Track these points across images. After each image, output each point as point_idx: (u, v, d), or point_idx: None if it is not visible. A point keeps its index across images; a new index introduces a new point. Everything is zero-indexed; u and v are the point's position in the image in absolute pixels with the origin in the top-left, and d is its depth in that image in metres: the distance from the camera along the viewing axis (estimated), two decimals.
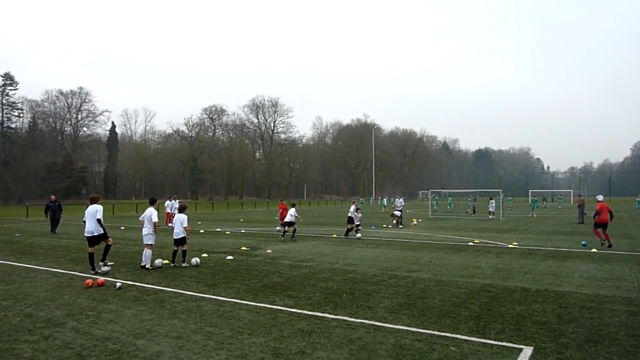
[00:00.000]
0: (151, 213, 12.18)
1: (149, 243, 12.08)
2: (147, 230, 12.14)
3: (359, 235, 20.05)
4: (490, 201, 36.77)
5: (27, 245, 17.69)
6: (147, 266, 12.00)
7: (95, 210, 11.54)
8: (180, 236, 12.41)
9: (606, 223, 16.20)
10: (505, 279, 10.65)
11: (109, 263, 11.98)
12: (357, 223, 20.78)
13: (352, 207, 21.05)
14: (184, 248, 12.53)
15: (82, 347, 6.00)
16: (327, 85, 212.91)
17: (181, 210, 13.03)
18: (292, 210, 19.62)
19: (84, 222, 11.77)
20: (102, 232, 11.54)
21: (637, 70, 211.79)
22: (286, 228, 19.25)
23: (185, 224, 12.48)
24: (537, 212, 40.04)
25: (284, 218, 20.58)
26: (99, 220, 11.48)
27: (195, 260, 12.66)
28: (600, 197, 17.39)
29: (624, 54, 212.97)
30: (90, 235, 11.51)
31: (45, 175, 79.17)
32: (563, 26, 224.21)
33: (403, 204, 31.04)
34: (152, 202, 12.63)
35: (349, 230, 20.56)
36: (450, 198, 49.12)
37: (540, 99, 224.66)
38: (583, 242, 16.81)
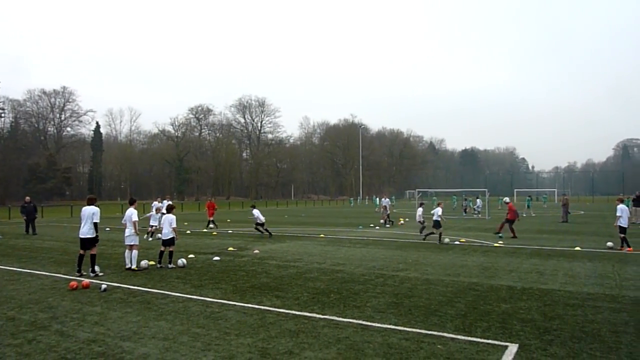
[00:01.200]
0: (131, 214, 12.01)
1: (133, 244, 11.94)
2: (129, 231, 11.97)
3: (446, 240, 17.83)
4: (478, 200, 37.59)
5: (10, 248, 17.42)
6: (133, 267, 11.89)
7: (92, 213, 11.35)
8: (169, 237, 12.33)
9: (514, 220, 20.05)
10: (491, 277, 10.76)
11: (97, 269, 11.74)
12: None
13: (439, 209, 18.31)
14: (171, 249, 12.45)
15: (67, 350, 5.93)
16: (315, 85, 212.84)
17: (169, 210, 12.89)
18: (255, 212, 20.70)
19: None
20: (95, 235, 11.35)
21: (621, 72, 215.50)
22: (259, 228, 20.57)
23: (174, 225, 12.41)
24: (524, 211, 40.27)
25: (212, 215, 25.08)
26: (95, 224, 11.32)
27: (181, 261, 12.58)
28: (507, 199, 22.60)
29: (608, 58, 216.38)
30: (84, 237, 11.34)
31: (28, 176, 77.98)
32: (548, 31, 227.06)
33: (390, 204, 31.20)
34: (131, 203, 12.53)
35: (429, 234, 18.31)
36: (455, 197, 48.89)
37: (526, 101, 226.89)
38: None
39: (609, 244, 16.10)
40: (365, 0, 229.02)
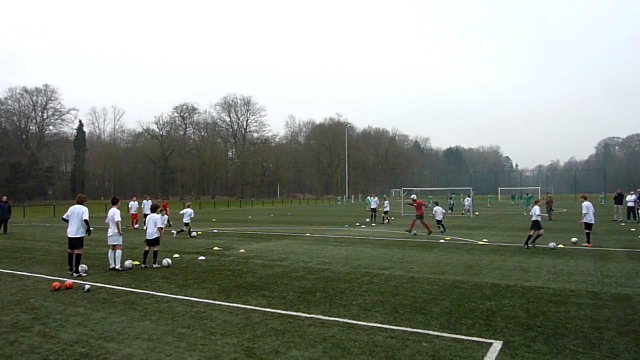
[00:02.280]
0: (114, 213, 11.90)
1: (116, 244, 11.83)
2: (111, 231, 11.84)
3: (552, 244, 15.66)
4: (467, 198, 38.03)
5: None
6: (117, 267, 11.77)
7: (81, 212, 11.30)
8: (153, 237, 12.22)
9: (422, 215, 21.48)
10: (476, 275, 10.85)
11: (81, 269, 11.60)
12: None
13: (537, 208, 16.04)
14: (156, 249, 12.35)
15: (50, 352, 5.84)
16: (300, 84, 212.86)
17: (153, 210, 12.82)
18: (188, 211, 20.82)
19: (63, 219, 11.54)
20: (83, 235, 11.34)
21: (605, 72, 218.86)
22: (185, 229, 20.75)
23: (160, 224, 12.31)
24: (511, 210, 40.61)
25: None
26: (86, 221, 11.28)
27: (166, 261, 12.48)
28: (414, 196, 23.96)
29: (593, 59, 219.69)
30: (72, 236, 11.28)
31: (10, 175, 76.66)
32: (532, 32, 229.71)
33: (378, 202, 31.59)
34: (114, 203, 12.41)
35: (535, 238, 15.86)
36: (453, 195, 48.90)
37: (510, 101, 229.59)
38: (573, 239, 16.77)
39: (573, 239, 16.79)
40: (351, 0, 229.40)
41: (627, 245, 16.08)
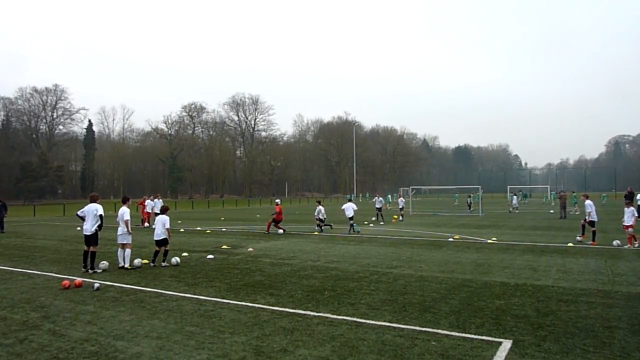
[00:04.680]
0: (123, 212, 12.07)
1: (126, 242, 11.95)
2: (121, 230, 11.98)
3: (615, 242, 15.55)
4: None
5: (1, 247, 17.28)
6: (126, 266, 11.85)
7: (95, 209, 11.56)
8: (161, 237, 12.27)
9: (280, 220, 21.80)
10: (485, 274, 10.79)
11: (102, 265, 11.87)
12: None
13: (589, 203, 16.24)
14: (166, 248, 12.41)
15: (59, 350, 5.88)
16: (308, 83, 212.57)
17: (163, 211, 13.01)
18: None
19: (78, 215, 11.83)
20: (98, 232, 11.58)
21: (614, 70, 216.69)
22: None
23: (168, 226, 12.34)
24: (520, 208, 40.38)
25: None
26: (100, 216, 11.56)
27: (175, 259, 12.53)
28: (278, 200, 24.10)
29: (603, 57, 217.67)
30: (87, 233, 11.56)
31: (20, 174, 77.33)
32: (542, 30, 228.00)
33: (383, 202, 31.79)
34: (124, 201, 12.63)
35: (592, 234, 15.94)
36: (456, 195, 48.69)
37: (519, 98, 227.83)
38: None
39: (578, 237, 16.81)
40: None
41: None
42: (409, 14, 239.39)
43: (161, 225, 12.31)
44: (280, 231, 21.07)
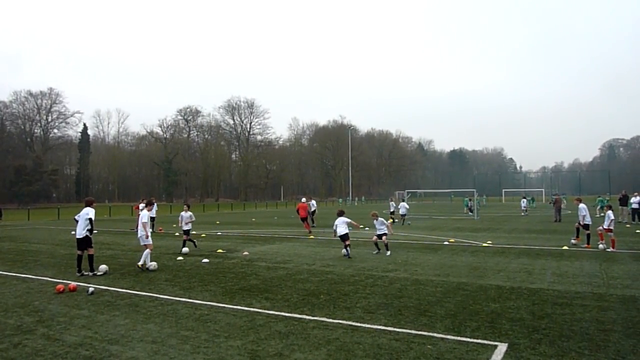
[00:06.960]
0: (143, 215, 12.55)
1: (144, 244, 12.18)
2: (140, 232, 12.41)
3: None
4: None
5: None
6: (139, 264, 12.05)
7: (86, 213, 11.60)
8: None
9: (305, 217, 24.17)
10: (480, 277, 10.80)
11: (102, 268, 11.82)
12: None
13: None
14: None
15: (54, 355, 5.85)
16: (304, 87, 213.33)
17: (147, 205, 13.94)
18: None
19: (75, 220, 11.97)
20: (89, 235, 11.57)
21: (609, 74, 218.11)
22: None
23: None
24: (521, 211, 40.51)
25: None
26: (90, 220, 11.55)
27: (153, 264, 12.32)
28: (303, 199, 26.09)
29: (597, 60, 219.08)
30: (79, 237, 11.61)
31: (14, 178, 76.98)
32: (536, 35, 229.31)
33: (395, 206, 33.06)
34: (148, 204, 13.79)
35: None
36: (467, 199, 48.36)
37: (514, 102, 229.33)
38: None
39: (573, 241, 17.16)
40: (354, 2, 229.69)
41: (632, 247, 15.99)
42: (405, 18, 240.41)
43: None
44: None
